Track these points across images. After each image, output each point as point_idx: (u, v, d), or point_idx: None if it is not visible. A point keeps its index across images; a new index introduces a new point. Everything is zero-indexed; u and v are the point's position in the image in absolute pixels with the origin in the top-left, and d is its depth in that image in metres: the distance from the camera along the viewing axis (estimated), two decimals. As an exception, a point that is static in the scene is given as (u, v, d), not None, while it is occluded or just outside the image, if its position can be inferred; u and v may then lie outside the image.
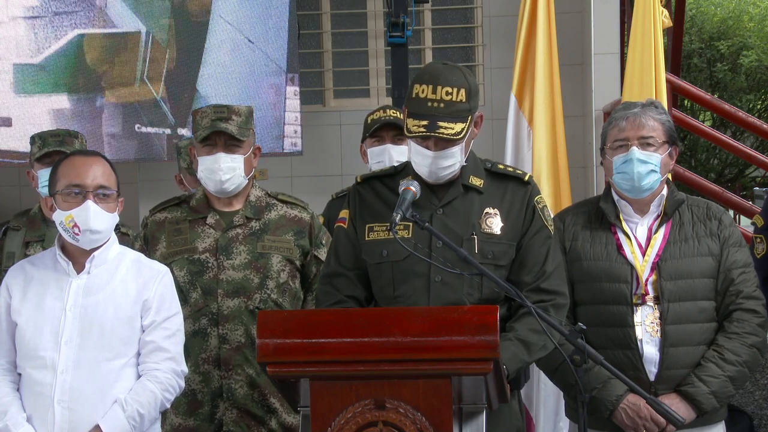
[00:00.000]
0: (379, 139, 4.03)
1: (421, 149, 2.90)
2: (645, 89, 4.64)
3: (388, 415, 2.39)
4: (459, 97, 2.86)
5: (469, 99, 2.88)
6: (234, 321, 3.43)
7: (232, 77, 6.08)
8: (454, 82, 2.87)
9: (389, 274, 2.95)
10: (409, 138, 2.92)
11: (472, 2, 7.05)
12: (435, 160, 2.89)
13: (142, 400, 3.00)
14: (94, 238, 3.01)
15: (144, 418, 3.00)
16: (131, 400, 2.98)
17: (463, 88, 2.87)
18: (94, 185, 2.99)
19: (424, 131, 2.84)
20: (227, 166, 3.46)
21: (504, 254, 2.94)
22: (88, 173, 3.00)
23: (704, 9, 15.98)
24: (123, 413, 2.96)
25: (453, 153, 2.89)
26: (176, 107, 6.06)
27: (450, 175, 2.94)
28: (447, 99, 2.85)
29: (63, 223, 2.99)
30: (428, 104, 2.85)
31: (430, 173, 2.92)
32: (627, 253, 3.22)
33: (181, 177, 4.40)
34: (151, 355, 3.05)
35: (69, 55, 6.03)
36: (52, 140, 3.96)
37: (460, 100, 2.86)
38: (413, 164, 2.96)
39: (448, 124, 2.84)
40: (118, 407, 2.97)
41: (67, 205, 2.99)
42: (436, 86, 2.86)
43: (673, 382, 3.15)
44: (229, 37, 6.06)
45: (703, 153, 15.03)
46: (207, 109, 3.52)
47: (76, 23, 6.01)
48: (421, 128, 2.84)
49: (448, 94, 2.85)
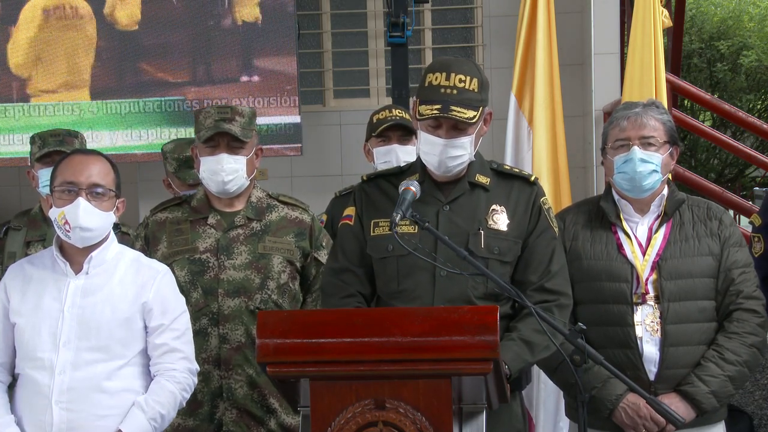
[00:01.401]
0: (385, 139, 4.03)
1: (432, 137, 2.90)
2: (645, 89, 4.64)
3: (388, 415, 2.39)
4: (472, 85, 2.88)
5: (480, 90, 2.90)
6: (234, 321, 3.43)
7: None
8: (467, 71, 2.89)
9: (394, 269, 2.95)
10: (420, 123, 2.92)
11: (472, 2, 7.05)
12: (445, 148, 2.89)
13: (162, 401, 3.00)
14: (84, 235, 3.00)
15: (165, 418, 3.02)
16: (152, 402, 2.99)
17: (476, 78, 2.89)
18: (87, 183, 2.99)
19: (437, 113, 2.84)
20: (230, 167, 3.45)
21: (509, 250, 2.95)
22: (83, 171, 3.01)
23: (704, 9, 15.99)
24: (144, 415, 2.97)
25: (463, 143, 2.89)
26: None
27: (458, 168, 2.94)
28: (460, 86, 2.86)
29: (56, 220, 3.00)
30: (441, 90, 2.86)
31: (439, 162, 2.91)
32: (627, 253, 3.22)
33: (170, 181, 4.38)
34: (165, 356, 3.05)
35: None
36: (52, 140, 3.96)
37: (472, 89, 2.88)
38: (422, 155, 2.96)
39: (461, 109, 2.85)
40: (137, 410, 2.97)
41: (61, 202, 3.00)
42: (450, 73, 2.87)
43: (673, 381, 3.15)
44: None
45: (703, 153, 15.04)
46: (210, 110, 3.51)
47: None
48: (434, 111, 2.85)
49: (461, 82, 2.87)
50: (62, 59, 6.10)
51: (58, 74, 6.12)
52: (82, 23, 6.09)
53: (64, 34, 6.08)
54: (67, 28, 6.09)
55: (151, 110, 6.12)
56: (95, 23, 6.09)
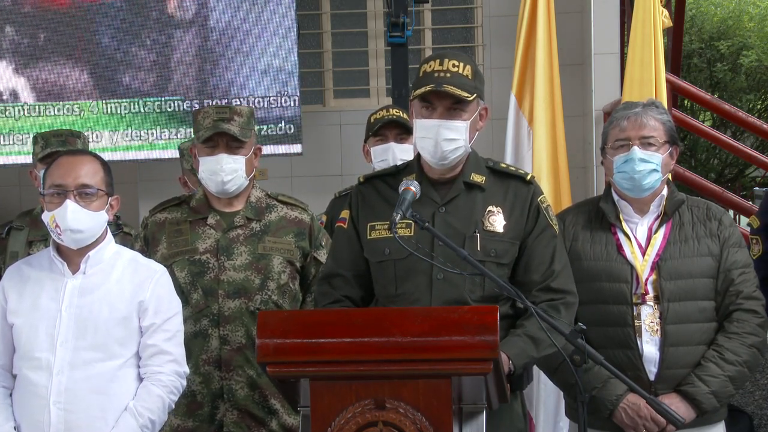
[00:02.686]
0: (382, 137, 4.04)
1: (426, 121, 2.90)
2: (645, 89, 4.64)
3: (388, 415, 2.39)
4: (465, 71, 2.90)
5: (474, 78, 2.92)
6: (235, 322, 3.42)
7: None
8: (461, 59, 2.92)
9: (392, 272, 2.95)
10: (415, 110, 2.93)
11: (472, 2, 7.05)
12: (440, 129, 2.88)
13: (151, 407, 3.00)
14: (76, 237, 3.00)
15: (155, 424, 3.02)
16: (141, 408, 2.98)
17: (470, 66, 2.92)
18: (75, 185, 2.99)
19: (431, 88, 2.86)
20: (229, 167, 3.45)
21: (506, 252, 2.94)
22: (70, 173, 3.00)
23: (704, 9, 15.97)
24: (136, 423, 2.97)
25: (458, 127, 2.89)
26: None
27: (454, 154, 2.92)
28: (453, 70, 2.88)
29: (48, 223, 3.01)
30: (435, 75, 2.88)
31: (435, 145, 2.89)
32: (627, 253, 3.22)
33: (185, 179, 4.40)
34: (153, 358, 3.05)
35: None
36: (55, 140, 3.97)
37: (466, 75, 2.89)
38: (418, 142, 2.95)
39: (454, 88, 2.86)
40: (129, 417, 2.97)
41: (51, 205, 3.00)
42: (443, 59, 2.90)
43: (673, 381, 3.15)
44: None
45: (703, 153, 15.02)
46: (209, 110, 3.51)
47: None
48: (428, 88, 2.86)
49: (454, 66, 2.89)
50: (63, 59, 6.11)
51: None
52: (83, 20, 6.10)
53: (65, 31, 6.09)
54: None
55: (151, 110, 6.12)
56: (95, 21, 6.10)
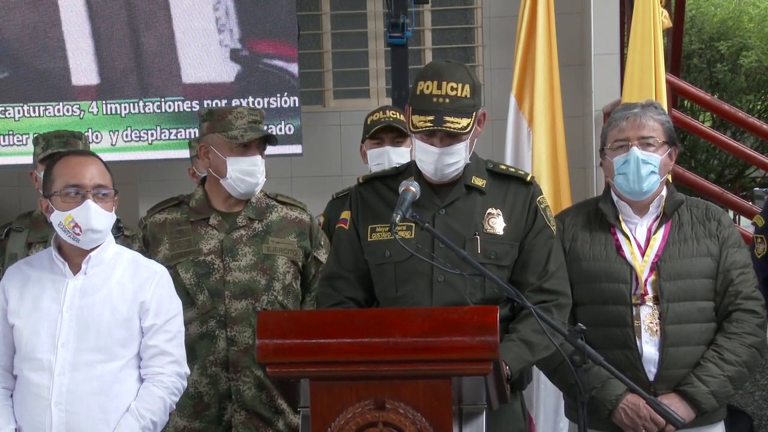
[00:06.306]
0: (378, 141, 4.02)
1: (427, 146, 2.89)
2: (645, 90, 4.64)
3: (388, 416, 2.39)
4: (464, 92, 2.86)
5: (473, 95, 2.89)
6: (242, 323, 3.42)
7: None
8: (458, 78, 2.87)
9: (392, 275, 2.95)
10: (415, 134, 2.91)
11: (472, 3, 7.05)
12: (440, 157, 2.88)
13: (153, 408, 3.00)
14: (95, 237, 3.00)
15: (157, 425, 3.01)
16: (143, 410, 2.98)
17: (468, 84, 2.88)
18: (92, 185, 2.98)
19: (431, 125, 2.84)
20: (261, 169, 3.48)
21: (506, 254, 2.95)
22: (85, 173, 2.99)
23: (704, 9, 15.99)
24: (138, 424, 2.96)
25: (458, 149, 2.89)
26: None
27: (454, 173, 2.94)
28: (452, 94, 2.85)
29: (62, 224, 2.98)
30: (433, 100, 2.84)
31: (435, 170, 2.91)
32: (626, 254, 3.22)
33: (194, 170, 4.40)
34: (154, 359, 3.04)
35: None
36: (56, 141, 3.97)
37: (465, 96, 2.86)
38: (418, 162, 2.95)
39: (454, 119, 2.84)
40: (131, 418, 2.97)
41: (66, 205, 2.97)
42: (441, 82, 2.85)
43: (673, 381, 3.15)
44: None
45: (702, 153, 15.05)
46: (242, 110, 3.49)
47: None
48: (428, 123, 2.84)
49: (453, 90, 2.85)
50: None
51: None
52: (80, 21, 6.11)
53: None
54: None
55: (151, 111, 6.12)
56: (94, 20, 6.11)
